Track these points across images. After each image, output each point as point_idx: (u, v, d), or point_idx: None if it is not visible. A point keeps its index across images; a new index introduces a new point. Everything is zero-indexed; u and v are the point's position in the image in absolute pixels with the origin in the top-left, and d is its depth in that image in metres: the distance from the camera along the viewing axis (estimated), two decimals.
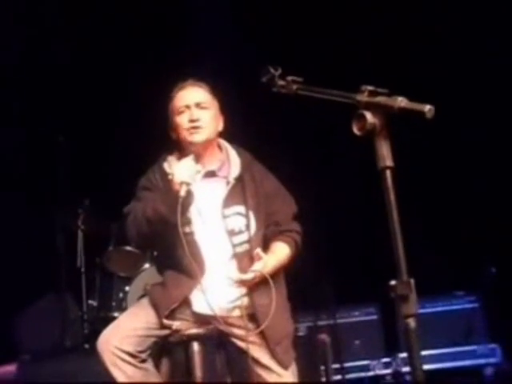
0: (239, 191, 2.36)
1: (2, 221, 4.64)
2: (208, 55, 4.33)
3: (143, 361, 2.25)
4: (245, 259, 2.31)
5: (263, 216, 2.38)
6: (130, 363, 2.20)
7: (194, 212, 2.34)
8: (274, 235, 2.41)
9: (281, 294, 2.37)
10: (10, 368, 3.65)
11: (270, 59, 1.76)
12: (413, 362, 1.28)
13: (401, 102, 1.35)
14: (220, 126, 2.45)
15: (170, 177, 2.24)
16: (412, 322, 1.29)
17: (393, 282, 1.33)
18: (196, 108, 2.37)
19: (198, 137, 2.35)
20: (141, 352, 2.23)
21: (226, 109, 2.46)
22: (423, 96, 1.41)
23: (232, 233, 2.32)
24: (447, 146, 4.40)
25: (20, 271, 4.53)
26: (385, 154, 1.35)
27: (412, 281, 1.32)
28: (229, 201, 2.34)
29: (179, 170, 2.23)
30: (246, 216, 2.34)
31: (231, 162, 2.42)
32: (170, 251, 2.33)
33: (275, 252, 2.37)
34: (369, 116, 1.36)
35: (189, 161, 2.26)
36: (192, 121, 2.35)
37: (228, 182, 2.37)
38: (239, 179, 2.38)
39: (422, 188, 4.28)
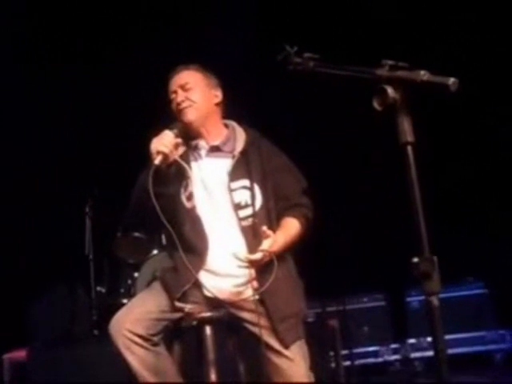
0: (245, 165, 2.36)
1: (13, 211, 4.66)
2: (223, 35, 4.30)
3: (155, 344, 2.23)
4: (250, 233, 2.29)
5: (270, 190, 2.36)
6: (142, 346, 2.19)
7: (197, 186, 2.35)
8: (284, 210, 2.38)
9: (288, 272, 2.35)
10: (21, 353, 3.66)
11: (285, 37, 1.72)
12: (436, 339, 1.26)
13: (423, 75, 1.33)
14: (215, 100, 2.47)
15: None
16: (435, 300, 1.27)
17: (415, 260, 1.31)
18: (181, 90, 2.42)
19: (189, 115, 2.39)
20: (153, 335, 2.22)
21: (239, 91, 2.43)
22: (443, 70, 1.38)
23: (238, 206, 2.31)
24: (470, 121, 4.33)
25: (30, 259, 4.54)
26: (406, 129, 1.33)
27: (435, 258, 1.30)
28: (234, 174, 2.34)
29: (157, 140, 2.28)
30: (251, 189, 2.33)
31: (237, 137, 2.43)
32: (175, 229, 2.32)
33: (285, 228, 2.34)
34: (390, 91, 1.33)
35: (168, 133, 2.31)
36: (178, 104, 2.41)
37: (233, 156, 2.37)
38: (244, 153, 2.38)
39: (438, 166, 4.22)
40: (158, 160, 2.23)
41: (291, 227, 2.36)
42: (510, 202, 4.31)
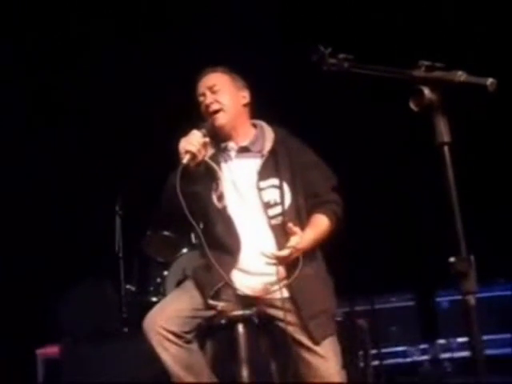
0: (273, 164, 2.38)
1: (46, 209, 4.73)
2: (255, 36, 4.31)
3: (188, 341, 2.26)
4: (280, 232, 2.31)
5: (299, 189, 2.37)
6: (175, 343, 2.22)
7: (227, 186, 2.37)
8: (313, 207, 2.39)
9: (318, 269, 2.36)
10: (54, 349, 3.72)
11: (320, 38, 1.73)
12: (473, 339, 1.26)
13: (460, 76, 1.33)
14: (243, 101, 2.49)
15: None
16: (472, 299, 1.27)
17: (452, 259, 1.31)
18: (209, 92, 2.44)
19: (220, 120, 2.41)
20: (186, 333, 2.25)
21: (273, 92, 2.45)
22: (481, 71, 1.38)
23: (268, 205, 2.33)
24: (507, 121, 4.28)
25: (62, 256, 4.61)
26: (442, 129, 1.33)
27: (472, 257, 1.30)
28: (264, 174, 2.36)
29: (185, 140, 2.30)
30: (281, 188, 2.34)
31: (266, 136, 2.45)
32: (207, 228, 2.37)
33: (313, 225, 2.35)
34: (427, 91, 1.34)
35: (196, 133, 2.32)
36: (207, 106, 2.43)
37: (262, 156, 2.39)
38: (273, 152, 2.40)
39: (474, 165, 4.17)
40: (185, 159, 2.26)
41: (320, 224, 2.37)
42: None
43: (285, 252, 2.23)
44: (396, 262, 4.43)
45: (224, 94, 2.44)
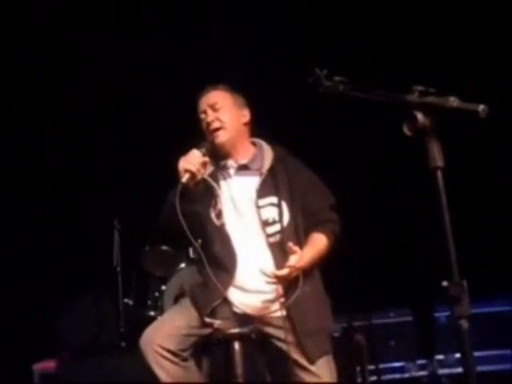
0: (272, 182, 2.40)
1: (43, 222, 4.74)
2: (253, 56, 4.34)
3: (185, 359, 2.27)
4: (278, 250, 2.32)
5: (297, 207, 2.38)
6: (171, 361, 2.23)
7: (226, 204, 2.38)
8: (312, 226, 2.41)
9: (316, 287, 2.37)
10: (51, 364, 3.72)
11: (315, 61, 1.75)
12: (466, 363, 1.27)
13: (453, 101, 1.34)
14: (243, 120, 2.50)
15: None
16: (465, 323, 1.28)
17: (445, 283, 1.32)
18: (211, 110, 2.45)
19: (220, 138, 2.42)
20: (183, 351, 2.26)
21: (269, 111, 2.48)
22: (472, 96, 1.40)
23: (266, 223, 2.34)
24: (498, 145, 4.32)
25: (58, 270, 4.61)
26: (436, 154, 1.35)
27: (465, 282, 1.31)
28: (262, 192, 2.37)
29: (184, 159, 2.31)
30: (279, 206, 2.36)
31: (264, 155, 2.47)
32: (204, 245, 2.39)
33: (312, 244, 2.37)
34: (420, 116, 1.35)
35: (195, 152, 2.34)
36: (208, 124, 2.44)
37: (261, 174, 2.41)
38: (272, 171, 2.41)
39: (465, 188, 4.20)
40: (185, 178, 2.27)
41: (318, 242, 2.38)
42: None
43: (284, 271, 2.23)
44: (394, 278, 4.43)
45: (225, 112, 2.45)
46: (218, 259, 2.34)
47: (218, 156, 2.46)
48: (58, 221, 4.81)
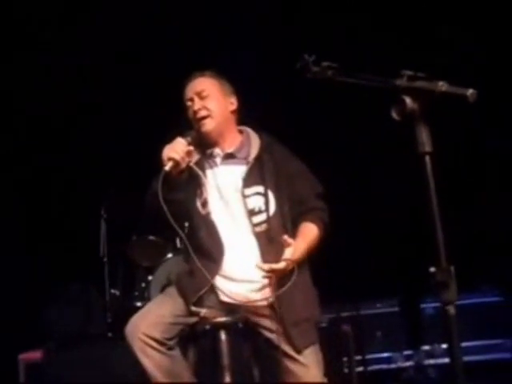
0: (259, 171, 2.38)
1: (28, 212, 4.70)
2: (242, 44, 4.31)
3: (170, 348, 2.25)
4: (264, 239, 2.31)
5: (285, 196, 2.37)
6: (157, 350, 2.21)
7: (212, 193, 2.37)
8: (300, 214, 2.39)
9: (303, 278, 2.35)
10: (37, 354, 3.69)
11: (304, 46, 1.74)
12: (452, 349, 1.26)
13: (441, 86, 1.33)
14: (230, 107, 2.48)
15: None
16: (452, 309, 1.27)
17: (432, 269, 1.31)
18: (198, 98, 2.42)
19: (207, 126, 2.40)
20: (168, 339, 2.24)
21: (257, 98, 2.46)
22: (463, 81, 1.38)
23: (252, 212, 2.33)
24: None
25: (45, 260, 4.58)
26: (424, 139, 1.34)
27: (452, 268, 1.30)
28: (248, 181, 2.36)
29: (169, 147, 2.30)
30: (265, 195, 2.34)
31: (251, 143, 2.45)
32: (190, 234, 2.37)
33: (304, 234, 2.35)
34: (408, 101, 1.34)
35: (180, 140, 2.32)
36: (195, 112, 2.41)
37: (248, 163, 2.39)
38: (258, 159, 2.39)
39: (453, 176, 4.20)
40: (168, 166, 2.25)
41: (310, 232, 2.36)
42: None
43: (281, 265, 2.21)
44: (381, 269, 4.44)
45: (212, 100, 2.43)
46: (204, 248, 2.33)
47: (204, 144, 2.44)
48: (44, 210, 4.78)
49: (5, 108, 4.60)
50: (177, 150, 2.28)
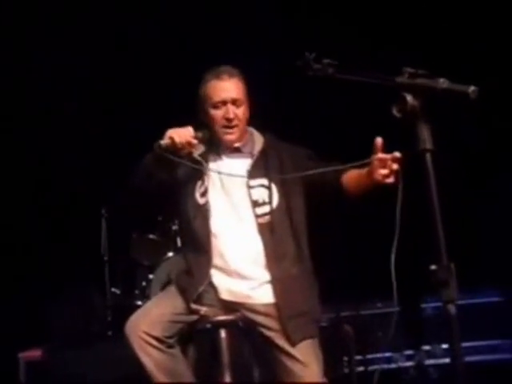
0: (263, 165, 2.38)
1: (30, 211, 4.69)
2: (242, 39, 4.30)
3: (170, 346, 2.25)
4: (267, 231, 2.30)
5: (290, 190, 2.35)
6: (157, 348, 2.21)
7: (214, 183, 2.37)
8: (336, 177, 2.29)
9: (304, 269, 2.34)
10: (37, 352, 3.69)
11: (304, 43, 1.73)
12: (453, 348, 1.25)
13: (443, 83, 1.33)
14: (248, 115, 2.46)
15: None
16: (452, 308, 1.26)
17: (433, 267, 1.30)
18: (232, 105, 2.37)
19: (232, 136, 2.39)
20: (168, 337, 2.24)
21: (256, 97, 2.45)
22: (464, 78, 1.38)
23: (256, 204, 2.32)
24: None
25: (46, 259, 4.57)
26: (425, 136, 1.33)
27: (452, 265, 1.30)
28: (253, 173, 2.36)
29: (176, 129, 2.29)
30: (269, 188, 2.34)
31: (255, 140, 2.46)
32: (183, 226, 2.40)
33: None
34: (409, 98, 1.33)
35: (190, 129, 2.31)
36: (228, 120, 2.37)
37: (252, 156, 2.40)
38: (263, 153, 2.40)
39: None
40: (164, 141, 2.25)
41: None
42: None
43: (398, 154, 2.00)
44: (382, 268, 4.42)
45: (244, 110, 2.40)
46: (196, 239, 2.34)
47: (211, 142, 2.44)
48: (45, 209, 4.77)
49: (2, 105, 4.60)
50: (181, 134, 2.27)
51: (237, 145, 2.43)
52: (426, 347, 4.33)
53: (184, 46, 4.49)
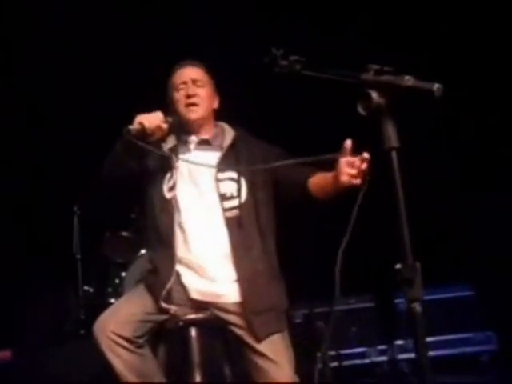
0: (233, 158, 2.38)
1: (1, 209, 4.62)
2: (208, 36, 4.28)
3: (140, 346, 2.22)
4: (234, 225, 2.29)
5: (258, 184, 2.34)
6: (126, 348, 2.18)
7: (183, 177, 2.35)
8: (305, 179, 2.29)
9: (270, 264, 2.33)
10: (7, 353, 3.64)
11: (271, 41, 1.72)
12: (418, 347, 1.25)
13: (408, 80, 1.32)
14: (215, 105, 2.51)
15: None
16: (417, 307, 1.26)
17: (398, 266, 1.30)
18: (192, 84, 2.43)
19: (194, 114, 2.41)
20: (138, 337, 2.21)
21: (226, 92, 2.46)
22: (430, 75, 1.37)
23: (224, 197, 2.31)
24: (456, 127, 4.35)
25: (17, 257, 4.51)
26: (391, 134, 1.32)
27: (418, 264, 1.29)
28: (222, 165, 2.35)
29: (145, 115, 2.29)
30: (238, 182, 2.33)
31: (226, 133, 2.47)
32: (149, 220, 2.38)
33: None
34: (374, 95, 1.32)
35: (159, 114, 2.31)
36: (188, 96, 2.41)
37: (222, 149, 2.40)
38: (233, 147, 2.41)
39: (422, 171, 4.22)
40: (133, 126, 2.24)
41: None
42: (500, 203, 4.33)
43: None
44: (355, 264, 4.44)
45: (205, 91, 2.45)
46: (160, 233, 2.33)
47: (181, 131, 2.44)
48: (16, 207, 4.71)
49: None
50: (150, 119, 2.27)
51: (206, 137, 2.44)
52: (399, 342, 4.36)
53: (155, 42, 4.45)
